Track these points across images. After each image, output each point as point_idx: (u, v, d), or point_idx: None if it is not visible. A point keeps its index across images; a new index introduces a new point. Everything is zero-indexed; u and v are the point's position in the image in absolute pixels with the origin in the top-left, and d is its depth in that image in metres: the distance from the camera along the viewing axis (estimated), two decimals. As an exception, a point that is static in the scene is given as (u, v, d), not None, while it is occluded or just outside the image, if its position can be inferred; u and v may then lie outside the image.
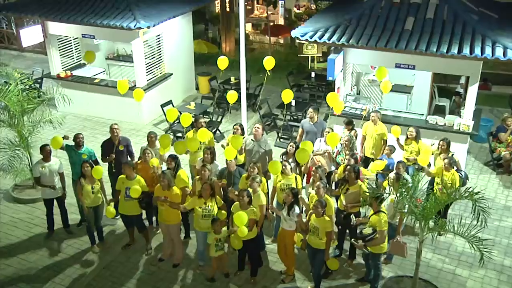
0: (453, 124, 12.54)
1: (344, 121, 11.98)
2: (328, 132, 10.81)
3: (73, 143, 10.57)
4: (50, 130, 12.49)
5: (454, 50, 11.32)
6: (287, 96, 11.36)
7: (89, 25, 14.69)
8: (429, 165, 10.57)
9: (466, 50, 11.22)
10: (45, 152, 10.33)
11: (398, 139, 11.30)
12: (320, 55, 21.08)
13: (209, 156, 10.14)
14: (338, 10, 14.29)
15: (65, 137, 10.67)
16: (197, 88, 18.74)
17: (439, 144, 10.81)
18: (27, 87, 12.83)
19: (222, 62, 12.43)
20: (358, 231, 8.83)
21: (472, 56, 11.12)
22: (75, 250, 10.50)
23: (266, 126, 15.24)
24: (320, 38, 12.34)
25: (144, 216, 10.61)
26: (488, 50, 11.10)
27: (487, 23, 12.31)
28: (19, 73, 12.83)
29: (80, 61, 17.26)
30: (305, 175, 11.25)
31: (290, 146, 10.52)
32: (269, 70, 12.08)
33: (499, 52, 11.05)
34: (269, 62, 12.06)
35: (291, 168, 9.84)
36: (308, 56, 21.02)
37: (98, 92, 16.11)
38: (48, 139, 10.82)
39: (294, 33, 12.72)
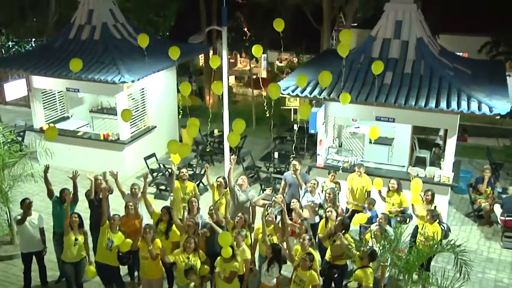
0: (434, 176, 12.71)
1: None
2: (312, 185, 10.91)
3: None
4: (31, 184, 12.36)
5: (432, 104, 11.65)
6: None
7: (74, 79, 14.82)
8: (410, 218, 10.65)
9: (443, 104, 11.56)
10: (26, 205, 10.18)
11: (380, 191, 11.40)
12: (303, 107, 21.39)
13: (194, 207, 10.12)
14: (320, 64, 14.67)
15: (46, 169, 10.58)
16: (180, 141, 18.80)
17: (424, 194, 10.92)
18: (9, 140, 12.76)
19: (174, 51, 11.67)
20: (344, 282, 8.79)
21: (449, 110, 11.46)
22: (53, 308, 10.22)
23: (249, 178, 15.26)
24: (302, 92, 12.62)
25: (125, 271, 10.41)
26: (464, 105, 11.45)
27: (462, 78, 12.74)
28: (1, 126, 12.78)
29: (64, 113, 17.30)
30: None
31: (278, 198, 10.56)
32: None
33: (474, 106, 11.41)
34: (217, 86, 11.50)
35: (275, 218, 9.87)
36: (291, 108, 21.33)
37: (81, 145, 16.10)
38: (29, 193, 10.71)
39: (277, 87, 12.93)
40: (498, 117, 11.62)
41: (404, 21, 13.06)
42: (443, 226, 10.39)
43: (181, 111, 12.22)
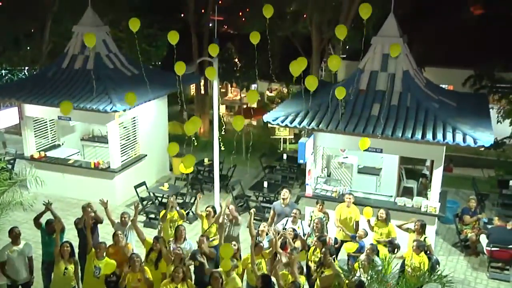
0: (421, 206, 12.76)
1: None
2: (296, 214, 10.94)
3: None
4: (20, 212, 12.21)
5: (418, 135, 11.78)
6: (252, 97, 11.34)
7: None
8: (398, 248, 10.63)
9: (429, 136, 11.70)
10: (14, 234, 10.02)
11: (369, 221, 11.41)
12: (292, 136, 21.55)
13: (181, 235, 10.07)
14: (309, 94, 14.77)
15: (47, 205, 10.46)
16: (171, 169, 18.78)
17: (415, 225, 10.93)
18: (-1, 168, 12.67)
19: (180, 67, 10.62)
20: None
21: (435, 141, 11.60)
22: None
23: (239, 207, 15.22)
24: (291, 122, 12.73)
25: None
26: (449, 136, 11.59)
27: (447, 110, 12.92)
28: (-9, 154, 12.73)
29: (55, 141, 17.27)
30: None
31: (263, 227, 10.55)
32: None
33: (459, 138, 11.56)
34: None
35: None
36: (280, 138, 21.44)
37: (72, 173, 16.03)
38: (17, 221, 10.57)
39: (266, 117, 13.08)
40: (482, 148, 11.76)
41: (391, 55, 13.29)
42: (432, 258, 10.37)
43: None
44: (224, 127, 12.30)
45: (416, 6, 24.05)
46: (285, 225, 11.12)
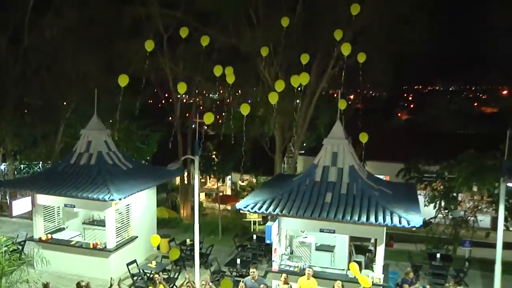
0: (368, 277, 12.70)
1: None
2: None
3: None
4: (26, 288, 11.65)
5: (363, 218, 12.01)
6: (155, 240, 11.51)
7: (71, 197, 14.72)
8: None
9: (372, 219, 11.94)
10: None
11: None
12: (261, 219, 21.47)
13: None
14: (274, 185, 15.05)
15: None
16: (158, 248, 18.31)
17: None
18: (11, 250, 12.22)
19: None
20: None
21: (376, 223, 11.82)
22: None
23: (215, 281, 14.80)
24: (259, 209, 12.83)
25: None
26: (387, 219, 11.86)
27: (385, 197, 13.27)
28: (5, 237, 12.30)
29: (60, 225, 16.85)
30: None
31: None
32: None
33: (395, 220, 11.84)
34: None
35: None
36: (251, 220, 21.35)
37: (73, 253, 15.53)
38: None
39: (238, 205, 13.18)
40: (414, 228, 12.00)
41: (339, 153, 13.80)
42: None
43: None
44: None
45: (355, 112, 25.11)
46: None
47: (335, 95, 14.46)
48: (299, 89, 23.42)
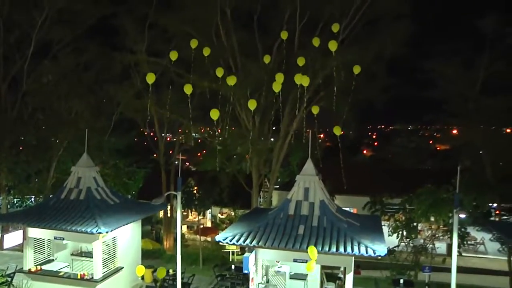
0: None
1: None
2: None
3: None
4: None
5: (333, 249, 12.04)
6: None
7: (61, 230, 14.33)
8: None
9: (341, 249, 11.98)
10: None
11: None
12: (239, 250, 21.19)
13: None
14: (251, 218, 15.00)
15: None
16: (142, 278, 17.78)
17: None
18: (0, 282, 11.70)
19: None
20: None
21: (345, 253, 11.85)
22: None
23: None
24: (237, 241, 12.73)
25: None
26: (355, 249, 11.91)
27: (353, 229, 13.35)
28: (-6, 271, 11.81)
29: (50, 257, 16.26)
30: None
31: None
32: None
33: (362, 250, 11.91)
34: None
35: None
36: (230, 251, 21.04)
37: (61, 284, 14.92)
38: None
39: (218, 237, 13.06)
40: (379, 257, 12.08)
41: (310, 188, 13.92)
42: None
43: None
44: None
45: (325, 152, 25.46)
46: None
47: (306, 133, 14.90)
48: (273, 128, 23.82)
